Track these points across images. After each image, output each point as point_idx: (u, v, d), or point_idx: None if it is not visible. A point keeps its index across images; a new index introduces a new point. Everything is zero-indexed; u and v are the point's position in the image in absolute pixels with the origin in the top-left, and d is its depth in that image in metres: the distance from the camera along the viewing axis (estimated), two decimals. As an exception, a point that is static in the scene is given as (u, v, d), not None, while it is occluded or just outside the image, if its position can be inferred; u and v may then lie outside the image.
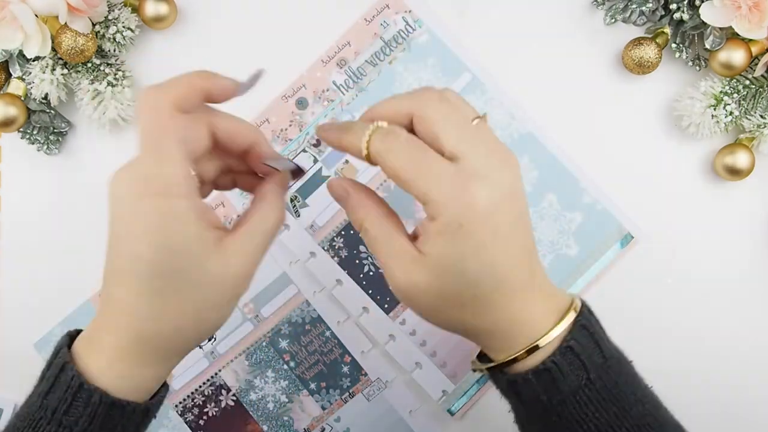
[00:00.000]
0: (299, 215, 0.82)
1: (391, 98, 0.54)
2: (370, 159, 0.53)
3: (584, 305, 0.56)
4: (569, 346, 0.53)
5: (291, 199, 0.81)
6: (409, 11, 0.81)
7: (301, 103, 0.81)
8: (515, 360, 0.54)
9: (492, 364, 0.56)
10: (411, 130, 0.53)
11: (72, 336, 0.55)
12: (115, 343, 0.52)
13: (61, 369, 0.52)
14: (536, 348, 0.53)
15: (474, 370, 0.59)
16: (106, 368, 0.52)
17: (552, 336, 0.53)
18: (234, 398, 0.82)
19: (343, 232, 0.82)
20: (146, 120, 0.50)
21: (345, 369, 0.82)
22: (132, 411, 0.53)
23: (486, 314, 0.53)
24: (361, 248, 0.82)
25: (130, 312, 0.51)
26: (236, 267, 0.52)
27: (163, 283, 0.50)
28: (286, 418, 0.82)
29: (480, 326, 0.54)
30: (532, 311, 0.54)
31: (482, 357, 0.59)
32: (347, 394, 0.82)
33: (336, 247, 0.82)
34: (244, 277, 0.53)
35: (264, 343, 0.82)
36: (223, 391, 0.82)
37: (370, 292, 0.82)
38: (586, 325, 0.54)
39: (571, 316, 0.54)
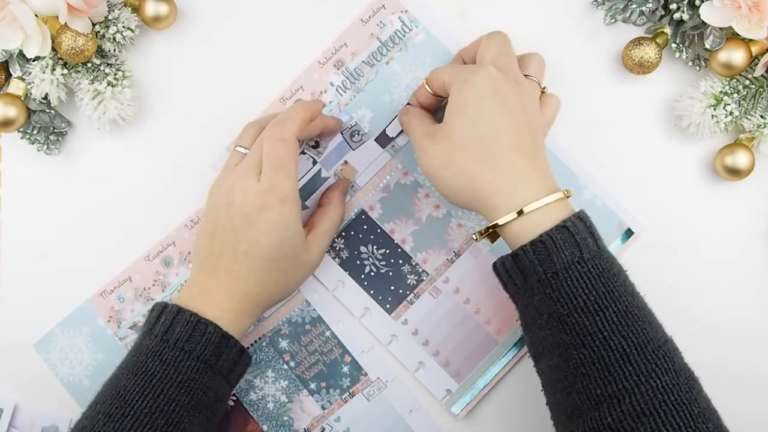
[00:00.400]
0: (299, 217, 0.82)
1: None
2: (431, 86, 0.75)
3: (584, 211, 0.66)
4: (565, 226, 0.63)
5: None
6: (406, 11, 0.81)
7: (300, 105, 0.81)
8: (511, 222, 0.65)
9: (490, 226, 0.67)
10: None
11: (162, 304, 0.71)
12: (227, 299, 0.71)
13: (177, 314, 0.69)
14: (521, 212, 0.64)
15: (475, 239, 0.70)
16: (219, 315, 0.70)
17: (542, 202, 0.64)
18: (234, 398, 0.82)
19: (343, 233, 0.82)
20: (274, 148, 0.71)
21: (345, 369, 0.82)
22: (233, 345, 0.71)
23: (487, 162, 0.65)
24: (362, 249, 0.82)
25: (242, 280, 0.71)
26: (315, 256, 0.75)
27: (271, 263, 0.71)
28: (286, 418, 0.82)
29: (483, 179, 0.66)
30: (528, 177, 0.65)
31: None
32: (347, 394, 0.82)
33: (337, 248, 0.82)
34: (318, 262, 0.77)
35: (264, 343, 0.82)
36: (223, 391, 0.82)
37: (372, 292, 0.82)
38: (582, 218, 0.65)
39: (560, 195, 0.65)
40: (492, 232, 0.68)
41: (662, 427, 0.58)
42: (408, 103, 0.79)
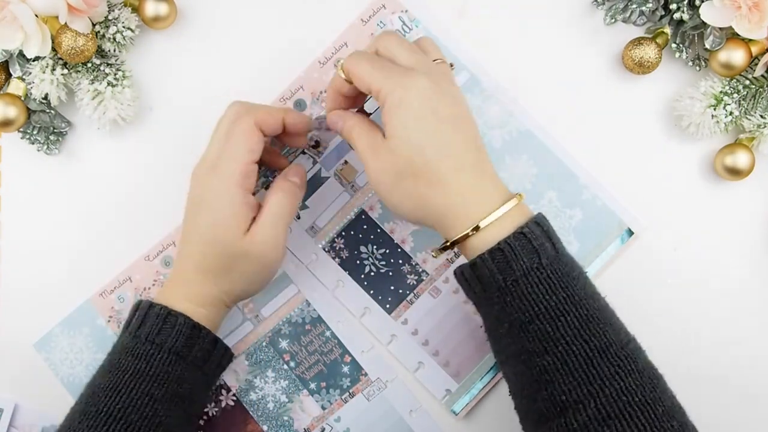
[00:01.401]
0: (299, 217, 0.82)
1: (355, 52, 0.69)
2: (347, 78, 0.68)
3: (541, 214, 0.65)
4: (522, 232, 0.63)
5: (292, 201, 0.82)
6: (406, 11, 0.81)
7: (300, 105, 0.81)
8: (468, 238, 0.64)
9: (446, 243, 0.66)
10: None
11: (138, 301, 0.72)
12: (197, 293, 0.71)
13: (149, 308, 0.70)
14: (478, 228, 0.63)
15: (434, 256, 0.70)
16: (189, 308, 0.71)
17: (497, 215, 0.63)
18: (234, 398, 0.82)
19: (343, 233, 0.82)
20: (226, 127, 0.70)
21: (345, 369, 0.82)
22: (205, 336, 0.71)
23: (437, 186, 0.64)
24: (362, 249, 0.82)
25: (204, 277, 0.71)
26: (263, 247, 0.70)
27: (217, 260, 0.70)
28: (286, 418, 0.82)
29: (434, 202, 0.64)
30: (480, 192, 0.64)
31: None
32: (347, 394, 0.81)
33: (337, 248, 0.82)
34: (273, 253, 0.71)
35: (264, 343, 0.82)
36: (223, 391, 0.82)
37: (372, 292, 0.82)
38: (540, 222, 0.64)
39: (514, 202, 0.64)
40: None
41: (627, 428, 0.58)
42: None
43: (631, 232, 0.80)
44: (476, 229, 0.63)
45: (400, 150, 0.64)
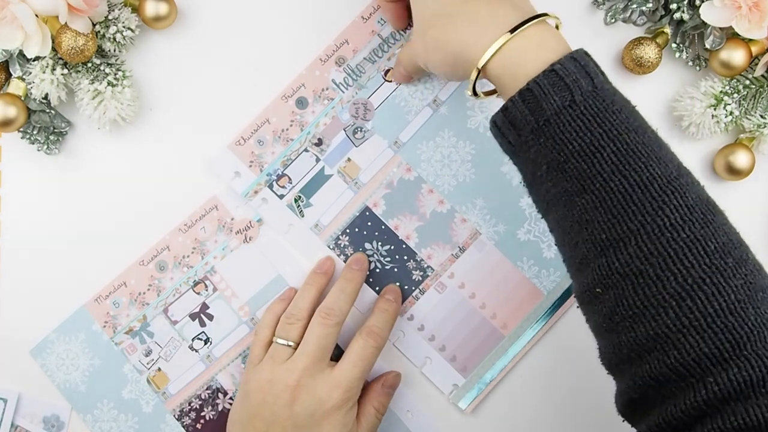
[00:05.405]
0: (303, 215, 0.82)
1: None
2: None
3: (582, 49, 0.61)
4: (553, 69, 0.58)
5: (295, 199, 0.81)
6: (406, 6, 0.81)
7: (301, 103, 0.81)
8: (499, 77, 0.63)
9: (478, 73, 0.64)
10: None
11: None
12: None
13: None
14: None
15: (471, 95, 0.67)
16: None
17: (509, 36, 0.61)
18: (231, 401, 0.82)
19: (348, 231, 0.82)
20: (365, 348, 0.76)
21: (342, 370, 0.81)
22: None
23: (450, 26, 0.64)
24: (367, 245, 0.82)
25: None
26: None
27: None
28: (284, 421, 0.81)
29: (454, 42, 0.64)
30: (496, 16, 0.62)
31: None
32: (345, 395, 0.81)
33: (342, 246, 0.82)
34: None
35: (262, 346, 0.82)
36: (220, 395, 0.82)
37: (378, 289, 0.81)
38: (577, 57, 0.59)
39: (538, 20, 0.61)
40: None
41: (672, 266, 0.55)
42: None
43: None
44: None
45: (416, 16, 0.68)
